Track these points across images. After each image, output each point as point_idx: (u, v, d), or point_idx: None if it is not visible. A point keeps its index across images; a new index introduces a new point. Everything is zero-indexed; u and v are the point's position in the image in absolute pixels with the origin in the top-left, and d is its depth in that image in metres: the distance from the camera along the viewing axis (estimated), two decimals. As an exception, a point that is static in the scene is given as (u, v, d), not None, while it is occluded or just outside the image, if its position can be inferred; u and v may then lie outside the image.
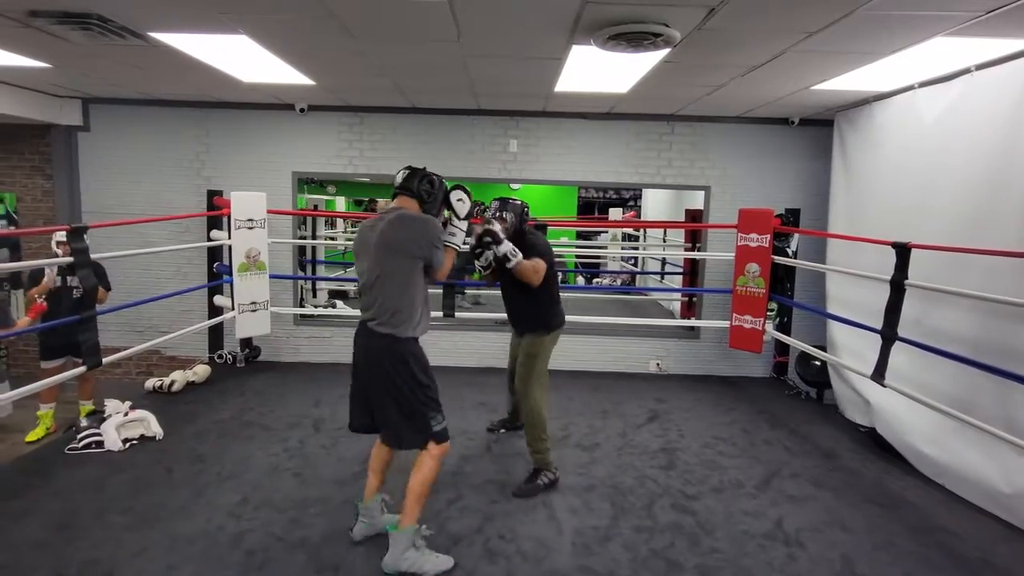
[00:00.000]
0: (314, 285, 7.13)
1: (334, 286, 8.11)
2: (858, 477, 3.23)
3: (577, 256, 8.59)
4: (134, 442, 3.36)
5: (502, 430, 3.65)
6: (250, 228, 4.49)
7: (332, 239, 9.59)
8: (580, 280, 9.13)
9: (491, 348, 5.21)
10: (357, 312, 2.40)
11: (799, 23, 2.64)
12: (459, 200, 2.40)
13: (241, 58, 3.54)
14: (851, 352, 3.92)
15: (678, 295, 7.12)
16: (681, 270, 6.45)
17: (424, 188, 2.30)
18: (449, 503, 2.81)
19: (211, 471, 3.07)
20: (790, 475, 3.21)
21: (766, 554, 2.47)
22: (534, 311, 3.04)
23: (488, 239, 2.77)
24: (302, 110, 5.02)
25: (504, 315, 3.19)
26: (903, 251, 3.03)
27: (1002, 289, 2.67)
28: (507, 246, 2.74)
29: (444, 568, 2.29)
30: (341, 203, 12.42)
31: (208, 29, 3.00)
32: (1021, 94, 2.81)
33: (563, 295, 5.89)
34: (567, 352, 5.20)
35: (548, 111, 4.95)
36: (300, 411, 3.96)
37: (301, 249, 6.94)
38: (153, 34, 3.09)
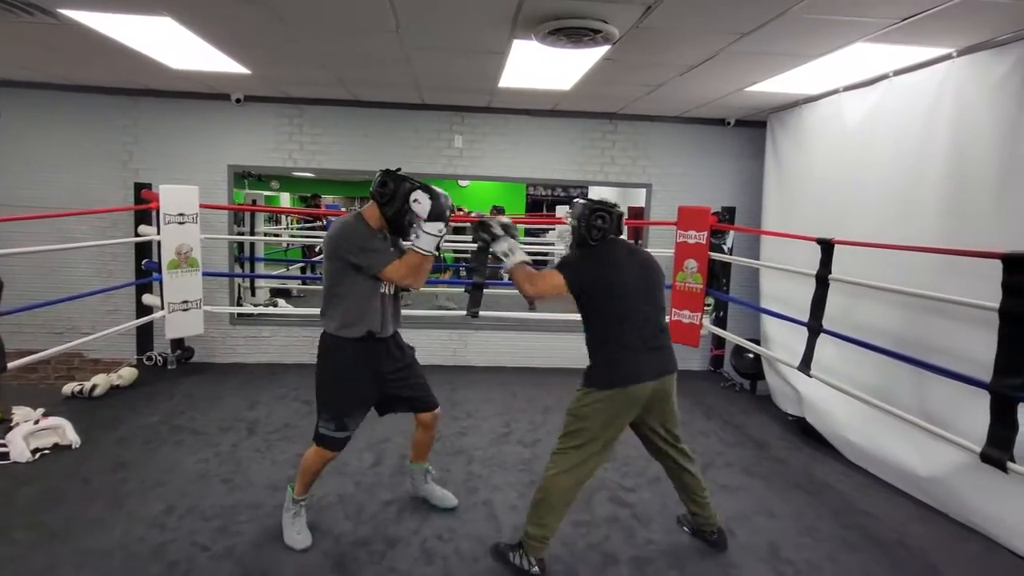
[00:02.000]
0: (252, 283, 6.85)
1: (276, 284, 7.85)
2: (786, 465, 3.36)
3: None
4: (46, 452, 3.12)
5: (685, 528, 2.63)
6: (181, 223, 4.27)
7: (276, 236, 9.26)
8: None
9: (430, 344, 5.17)
10: (299, 311, 2.37)
11: (732, 24, 2.71)
12: (415, 201, 2.19)
13: (167, 42, 3.34)
14: (783, 345, 4.08)
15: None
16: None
17: (377, 191, 2.24)
18: (386, 505, 2.75)
19: (133, 480, 2.89)
20: (724, 465, 3.31)
21: (697, 543, 2.53)
22: (588, 349, 2.25)
23: (481, 232, 2.33)
24: (238, 100, 4.81)
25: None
26: (827, 247, 3.17)
27: (921, 284, 2.82)
28: (502, 244, 2.29)
29: (293, 546, 2.38)
30: (286, 199, 12.02)
31: (127, 9, 2.81)
32: (934, 99, 2.98)
33: (502, 291, 5.75)
34: (512, 348, 5.22)
35: (493, 107, 4.92)
36: (234, 414, 3.79)
37: (240, 246, 6.67)
38: (64, 11, 2.87)
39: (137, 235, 4.49)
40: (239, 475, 2.98)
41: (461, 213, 9.57)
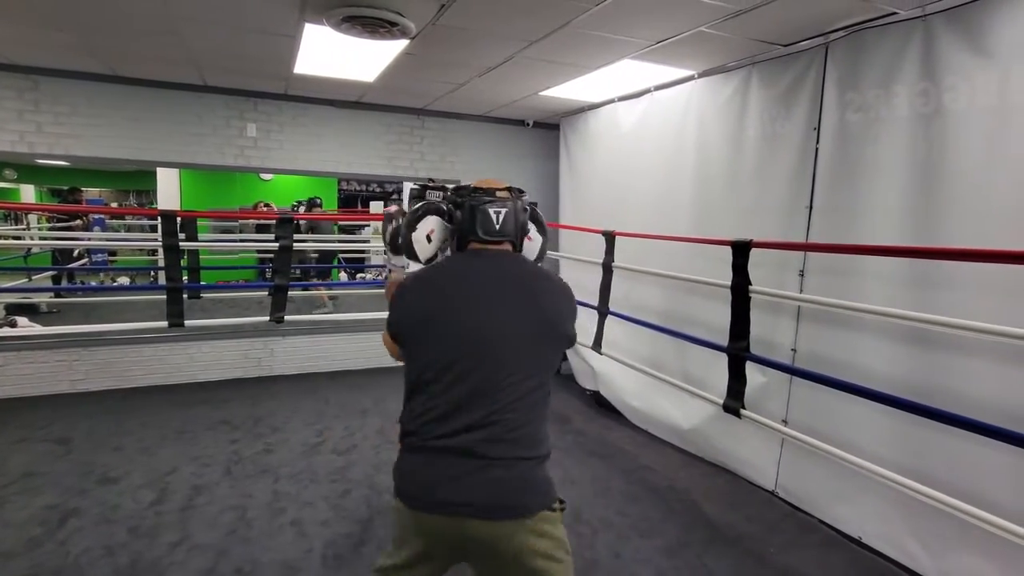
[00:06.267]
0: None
1: (16, 298, 6.32)
2: (584, 435, 3.74)
3: (341, 251, 8.36)
4: None
5: None
6: None
7: (17, 239, 7.49)
8: (344, 276, 8.82)
9: (229, 356, 4.68)
10: (50, 330, 1.89)
11: (522, 31, 2.88)
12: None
13: None
14: (581, 328, 4.50)
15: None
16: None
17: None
18: (173, 547, 2.39)
19: None
20: (533, 443, 3.55)
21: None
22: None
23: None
24: (-67, 63, 3.73)
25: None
26: (610, 238, 3.58)
27: (680, 268, 3.32)
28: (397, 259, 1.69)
29: None
30: (30, 192, 9.80)
31: None
32: (683, 113, 3.54)
33: (309, 293, 5.43)
34: (324, 353, 4.96)
35: (291, 95, 4.56)
36: (-54, 469, 2.96)
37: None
38: None
39: None
40: (-48, 547, 2.33)
41: (266, 209, 8.81)
